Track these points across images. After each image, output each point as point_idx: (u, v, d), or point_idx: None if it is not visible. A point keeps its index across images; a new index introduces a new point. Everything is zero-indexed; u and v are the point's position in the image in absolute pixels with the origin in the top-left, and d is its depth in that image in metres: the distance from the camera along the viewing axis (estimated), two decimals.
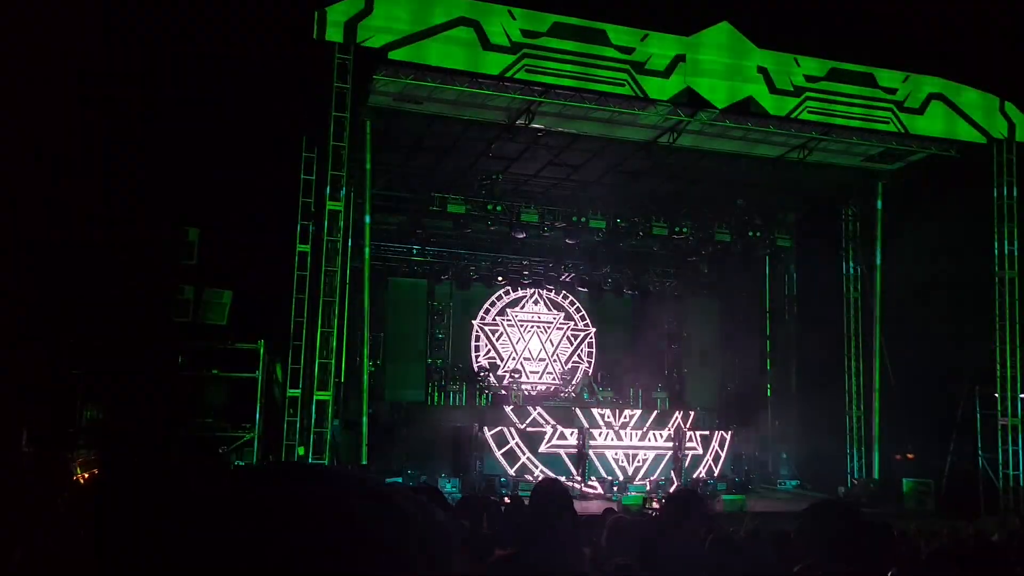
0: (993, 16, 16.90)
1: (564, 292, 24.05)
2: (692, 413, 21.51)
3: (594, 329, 24.43)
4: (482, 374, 21.99)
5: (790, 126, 17.07)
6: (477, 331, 23.05)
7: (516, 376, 22.39)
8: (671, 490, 16.73)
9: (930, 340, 18.12)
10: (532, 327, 23.76)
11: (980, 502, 17.45)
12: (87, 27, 13.30)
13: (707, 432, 20.44)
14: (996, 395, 17.57)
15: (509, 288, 23.39)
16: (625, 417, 20.14)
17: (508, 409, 19.45)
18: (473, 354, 22.79)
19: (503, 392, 21.35)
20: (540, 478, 17.71)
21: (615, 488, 18.13)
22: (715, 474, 19.57)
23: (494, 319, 23.30)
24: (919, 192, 19.11)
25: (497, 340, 23.19)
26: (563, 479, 17.95)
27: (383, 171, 18.50)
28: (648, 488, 18.19)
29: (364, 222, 17.40)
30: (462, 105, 16.17)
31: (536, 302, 23.87)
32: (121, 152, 15.06)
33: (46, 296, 14.38)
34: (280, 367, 17.09)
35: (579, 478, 18.25)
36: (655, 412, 20.99)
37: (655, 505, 9.85)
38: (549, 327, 23.94)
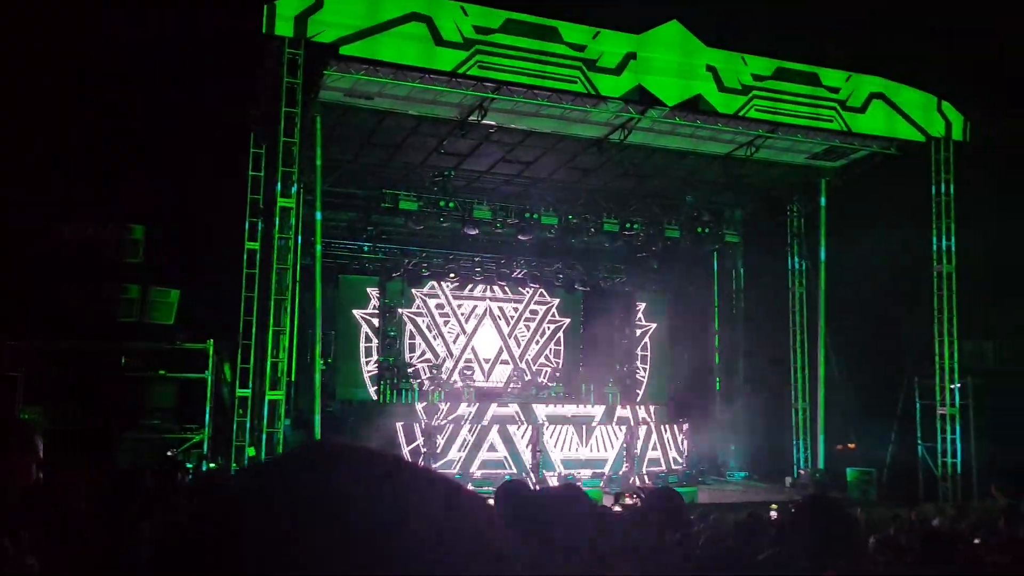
0: (930, 18, 17.44)
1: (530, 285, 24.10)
2: (643, 407, 21.78)
3: (567, 320, 24.52)
4: (425, 374, 21.91)
5: (738, 124, 17.35)
6: (409, 324, 22.87)
7: (468, 372, 22.38)
8: (648, 488, 16.85)
9: (872, 333, 18.67)
10: (482, 317, 23.76)
11: (919, 490, 18.03)
12: (25, 16, 12.91)
13: (658, 425, 20.71)
14: (935, 385, 18.13)
15: (472, 307, 23.33)
16: (577, 412, 20.27)
17: (464, 406, 19.40)
18: (408, 353, 22.54)
19: (455, 388, 21.31)
20: (489, 475, 17.76)
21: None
22: (666, 467, 19.82)
23: (432, 310, 23.19)
24: (861, 189, 19.63)
25: (433, 336, 23.08)
26: (515, 475, 18.01)
27: (333, 167, 18.31)
28: (601, 484, 18.34)
29: (315, 219, 17.20)
30: (414, 101, 16.08)
31: (488, 317, 23.87)
32: (62, 149, 14.66)
33: None
34: (229, 367, 16.84)
35: (533, 474, 18.32)
36: (606, 407, 21.18)
37: (627, 501, 9.89)
38: (508, 318, 23.96)
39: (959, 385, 18.06)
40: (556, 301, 24.58)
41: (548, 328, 24.53)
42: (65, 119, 14.67)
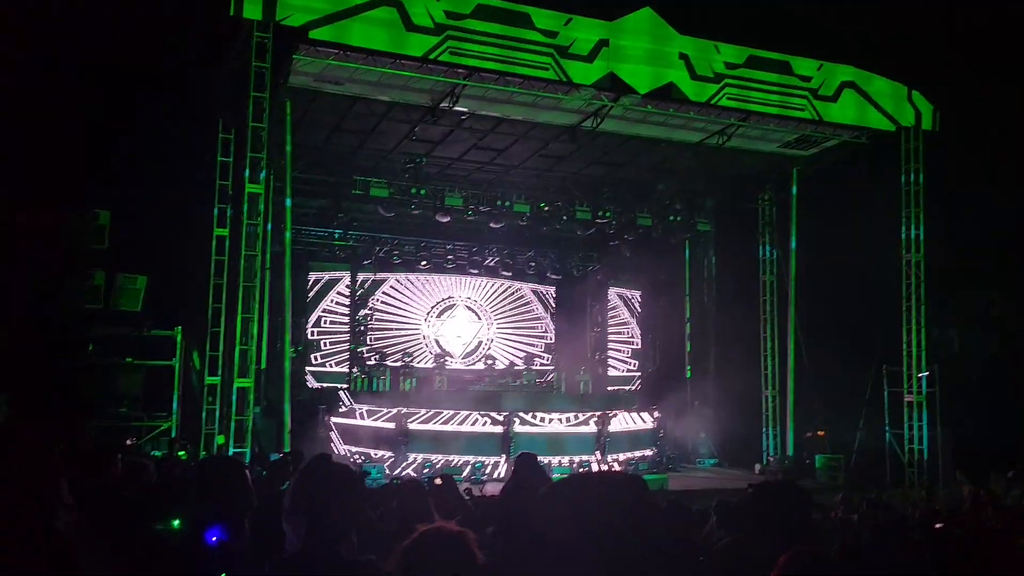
0: (902, 7, 17.53)
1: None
2: (614, 395, 21.90)
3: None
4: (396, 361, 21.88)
5: (710, 112, 17.34)
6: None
7: (442, 361, 22.33)
8: (608, 470, 16.89)
9: (841, 321, 18.82)
10: (453, 305, 23.78)
11: (887, 475, 18.25)
12: None
13: (629, 413, 20.81)
14: (902, 373, 18.34)
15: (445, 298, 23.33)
16: (549, 400, 20.32)
17: (437, 391, 19.35)
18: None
19: (428, 376, 21.28)
20: (445, 465, 17.75)
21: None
22: (636, 455, 19.92)
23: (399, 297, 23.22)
24: (832, 178, 19.74)
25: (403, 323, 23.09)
26: (488, 461, 18.04)
27: (303, 153, 18.13)
28: (572, 470, 18.39)
29: (284, 205, 17.02)
30: (384, 87, 15.91)
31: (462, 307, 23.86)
32: (25, 131, 14.36)
33: None
34: (198, 354, 16.65)
35: (505, 461, 18.33)
36: (578, 395, 21.26)
37: None
38: (473, 324, 23.99)
39: (926, 373, 18.28)
40: (547, 288, 24.64)
41: (528, 314, 24.57)
42: (25, 102, 14.35)
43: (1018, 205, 17.44)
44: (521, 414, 18.96)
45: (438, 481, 4.75)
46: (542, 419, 19.22)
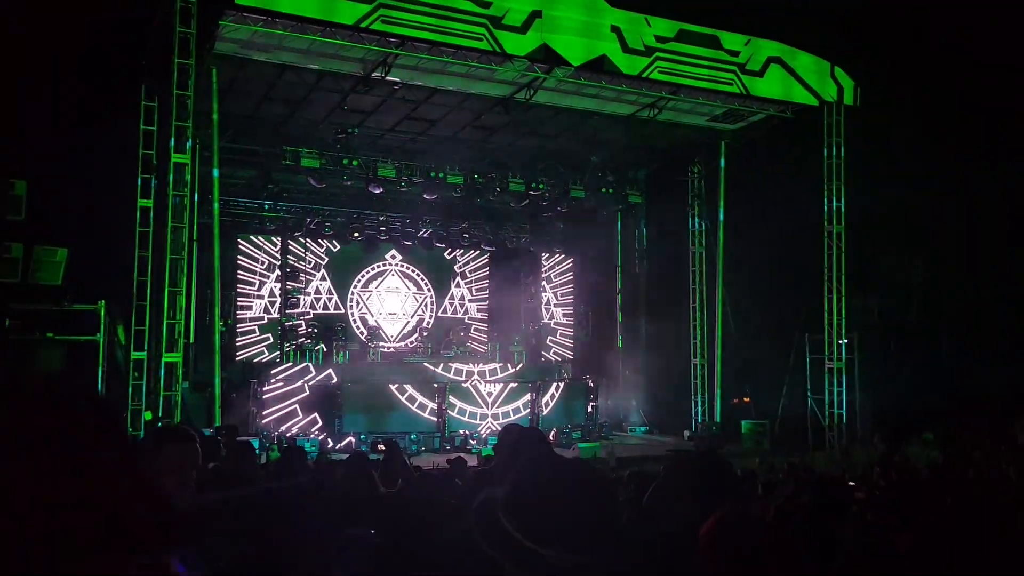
0: None
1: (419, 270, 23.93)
2: (547, 366, 22.16)
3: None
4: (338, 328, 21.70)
5: (641, 85, 17.50)
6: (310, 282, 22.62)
7: (374, 332, 22.21)
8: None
9: (767, 291, 19.36)
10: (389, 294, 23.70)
11: (809, 439, 18.95)
12: None
13: (561, 383, 21.12)
14: (824, 340, 19.00)
15: (375, 266, 23.17)
16: (483, 371, 20.47)
17: (371, 364, 19.27)
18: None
19: (360, 350, 21.17)
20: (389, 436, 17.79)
21: (474, 441, 18.46)
22: (570, 423, 20.24)
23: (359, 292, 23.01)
24: (758, 151, 20.17)
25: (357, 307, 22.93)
26: (423, 435, 18.10)
27: (232, 123, 17.70)
28: None
29: (212, 176, 16.63)
30: (315, 55, 15.62)
31: (395, 276, 23.73)
32: None
33: None
34: (122, 328, 16.22)
35: (439, 434, 18.46)
36: (512, 365, 21.45)
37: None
38: (406, 295, 23.89)
39: (846, 340, 18.96)
40: (480, 257, 24.64)
41: (461, 286, 24.56)
42: None
43: (934, 178, 18.06)
44: (452, 398, 19.05)
45: (381, 447, 4.78)
46: (477, 390, 19.38)
